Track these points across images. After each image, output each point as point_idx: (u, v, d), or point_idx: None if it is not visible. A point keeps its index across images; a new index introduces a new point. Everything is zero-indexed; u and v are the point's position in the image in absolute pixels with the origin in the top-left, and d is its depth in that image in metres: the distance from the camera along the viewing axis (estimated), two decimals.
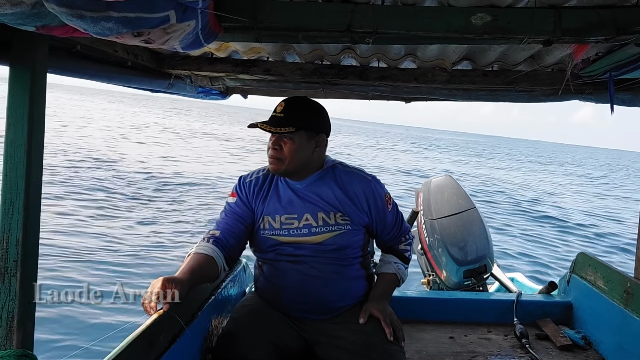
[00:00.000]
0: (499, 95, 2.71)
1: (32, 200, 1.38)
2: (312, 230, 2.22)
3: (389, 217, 2.33)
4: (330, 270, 2.21)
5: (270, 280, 2.28)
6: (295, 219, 2.23)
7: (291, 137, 2.15)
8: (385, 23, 1.48)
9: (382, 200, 2.30)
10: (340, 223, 2.22)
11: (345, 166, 2.34)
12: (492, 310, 3.02)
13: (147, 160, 19.69)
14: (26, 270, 1.37)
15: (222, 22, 1.48)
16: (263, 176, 2.34)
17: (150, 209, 11.45)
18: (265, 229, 2.27)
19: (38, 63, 1.39)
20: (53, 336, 5.23)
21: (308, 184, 2.26)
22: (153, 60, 2.38)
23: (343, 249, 2.24)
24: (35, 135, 1.39)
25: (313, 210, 2.23)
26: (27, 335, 1.39)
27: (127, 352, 1.53)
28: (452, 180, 4.23)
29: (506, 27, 1.46)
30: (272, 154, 2.18)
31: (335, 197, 2.23)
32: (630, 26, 1.43)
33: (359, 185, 2.26)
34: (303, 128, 2.14)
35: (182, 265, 2.03)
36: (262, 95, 3.37)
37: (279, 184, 2.31)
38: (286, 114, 2.14)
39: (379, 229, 2.34)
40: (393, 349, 2.08)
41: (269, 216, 2.26)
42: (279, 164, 2.18)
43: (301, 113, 2.17)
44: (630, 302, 2.40)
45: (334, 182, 2.26)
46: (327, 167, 2.29)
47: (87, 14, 1.00)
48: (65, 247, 7.74)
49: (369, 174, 2.35)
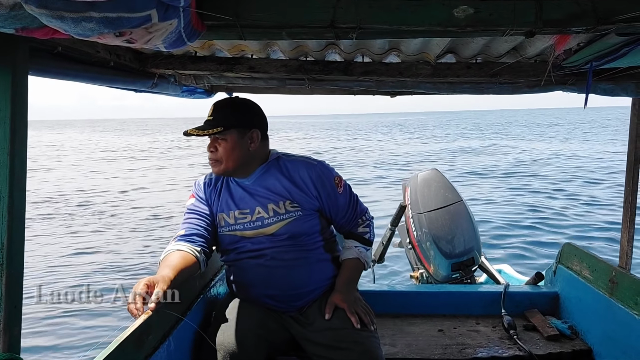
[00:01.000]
0: (483, 88, 2.73)
1: (16, 204, 1.37)
2: (265, 222, 2.27)
3: (340, 200, 2.37)
4: (291, 257, 2.26)
5: (238, 280, 2.35)
6: (248, 214, 2.29)
7: (223, 137, 2.21)
8: (368, 18, 1.48)
9: (331, 183, 2.34)
10: (290, 210, 2.27)
11: (290, 156, 2.40)
12: (480, 302, 3.05)
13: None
14: (11, 274, 1.35)
15: (204, 20, 1.47)
16: (215, 177, 2.41)
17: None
18: (222, 226, 2.33)
19: (19, 65, 1.38)
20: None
21: (255, 179, 2.31)
22: (136, 60, 2.37)
23: (298, 236, 2.28)
24: (18, 138, 1.38)
25: (263, 203, 2.28)
26: (14, 338, 1.38)
27: (116, 353, 1.52)
28: (439, 173, 4.25)
29: (488, 19, 1.46)
30: (209, 156, 2.26)
31: (282, 186, 2.28)
32: (610, 16, 1.44)
33: (305, 171, 2.31)
34: (233, 126, 2.20)
35: (160, 267, 2.04)
36: (247, 93, 3.36)
37: (229, 183, 2.37)
38: (215, 116, 2.22)
39: (332, 213, 2.38)
40: (363, 335, 2.12)
41: (224, 213, 2.33)
42: (218, 165, 2.24)
43: (229, 112, 2.24)
44: (616, 291, 2.43)
45: (279, 172, 2.31)
46: (272, 160, 2.35)
47: (68, 15, 0.98)
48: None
49: (315, 159, 2.40)
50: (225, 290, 2.78)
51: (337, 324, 2.17)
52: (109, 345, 1.53)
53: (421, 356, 2.52)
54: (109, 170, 23.76)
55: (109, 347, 1.52)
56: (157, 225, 11.70)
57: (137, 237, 10.52)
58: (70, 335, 5.35)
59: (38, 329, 5.38)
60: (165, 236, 10.18)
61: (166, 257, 2.12)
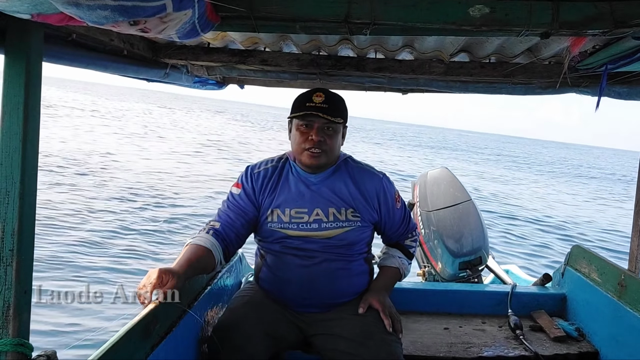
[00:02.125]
0: (495, 88, 2.71)
1: (27, 189, 1.38)
2: (322, 225, 2.20)
3: (397, 215, 2.34)
4: (337, 267, 2.21)
5: (274, 272, 2.26)
6: (306, 213, 2.20)
7: (335, 128, 2.15)
8: (383, 14, 1.47)
9: (392, 198, 2.30)
10: (350, 219, 2.21)
11: (356, 162, 2.34)
12: (486, 301, 3.04)
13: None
14: (22, 259, 1.36)
15: (219, 11, 1.47)
16: (272, 167, 2.30)
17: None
18: (274, 221, 2.22)
19: (33, 51, 1.38)
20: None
21: (322, 178, 2.24)
22: (149, 49, 2.37)
23: (351, 245, 2.23)
24: (31, 124, 1.38)
25: (324, 205, 2.21)
26: (24, 324, 1.39)
27: (123, 341, 1.53)
28: (449, 172, 4.23)
29: (504, 19, 1.45)
30: (316, 145, 2.12)
31: (348, 193, 2.22)
32: (628, 19, 1.43)
33: (371, 183, 2.26)
34: (344, 119, 2.16)
35: (179, 255, 2.02)
36: (259, 86, 3.36)
37: (289, 175, 2.27)
38: (330, 105, 2.12)
39: (387, 227, 2.35)
40: (390, 339, 2.09)
41: (279, 209, 2.22)
42: (322, 155, 2.15)
43: (341, 104, 2.18)
44: (624, 294, 2.42)
45: (347, 177, 2.25)
46: (340, 162, 2.28)
47: (83, 1, 0.99)
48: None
49: (379, 171, 2.34)
50: (232, 282, 2.78)
51: (369, 320, 2.14)
52: (116, 333, 1.54)
53: (426, 353, 2.52)
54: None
55: (116, 335, 1.53)
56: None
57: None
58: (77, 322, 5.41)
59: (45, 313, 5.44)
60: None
61: (191, 247, 2.07)
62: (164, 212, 10.97)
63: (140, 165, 17.01)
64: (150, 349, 1.74)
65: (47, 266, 6.66)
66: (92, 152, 18.04)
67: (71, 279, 6.42)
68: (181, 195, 12.96)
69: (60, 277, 6.43)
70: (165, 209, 11.28)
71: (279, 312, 2.24)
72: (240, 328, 2.09)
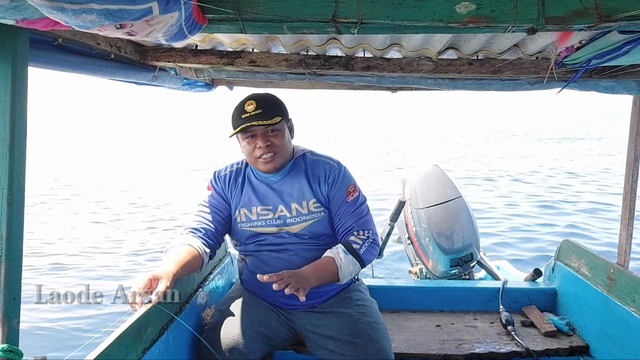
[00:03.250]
0: (484, 84, 2.72)
1: (15, 196, 1.37)
2: (287, 221, 2.26)
3: (345, 208, 2.29)
4: (312, 257, 2.23)
5: (254, 271, 2.28)
6: (270, 210, 2.27)
7: (279, 128, 2.18)
8: (369, 13, 1.47)
9: (344, 188, 2.30)
10: (313, 211, 2.26)
11: (315, 154, 2.38)
12: (478, 298, 3.05)
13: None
14: (10, 265, 1.36)
15: (206, 13, 1.47)
16: (237, 170, 2.38)
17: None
18: (243, 221, 2.30)
19: (19, 56, 1.37)
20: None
21: (282, 176, 2.29)
22: (137, 52, 2.36)
23: (321, 237, 2.27)
24: (18, 130, 1.37)
25: (287, 202, 2.27)
26: (13, 330, 1.38)
27: (115, 345, 1.53)
28: (439, 169, 4.24)
29: (490, 16, 1.46)
30: (263, 151, 2.16)
31: (308, 185, 2.27)
32: (613, 13, 1.44)
33: (325, 170, 2.29)
34: (282, 116, 2.19)
35: (164, 260, 2.03)
36: (248, 87, 3.35)
37: (252, 177, 2.34)
38: (264, 108, 2.15)
39: (334, 217, 2.31)
40: (378, 335, 2.11)
41: (245, 208, 2.30)
42: (276, 158, 2.19)
43: (274, 103, 2.21)
44: (613, 288, 2.44)
45: (306, 170, 2.29)
46: (298, 157, 2.33)
47: (68, 6, 0.98)
48: None
49: (337, 161, 2.37)
50: (223, 284, 2.78)
51: (356, 316, 2.16)
52: (108, 337, 1.54)
53: (419, 351, 2.53)
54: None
55: (107, 339, 1.53)
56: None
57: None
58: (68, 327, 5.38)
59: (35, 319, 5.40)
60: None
61: (173, 249, 2.10)
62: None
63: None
64: (141, 352, 1.74)
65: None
66: None
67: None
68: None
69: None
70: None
71: (268, 310, 2.26)
72: (233, 327, 2.10)
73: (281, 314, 2.29)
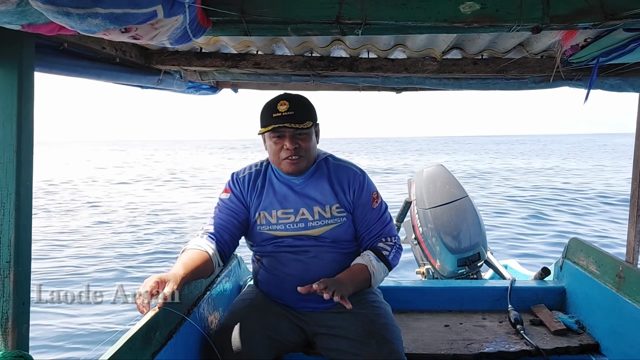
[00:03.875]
0: (489, 84, 2.72)
1: (23, 201, 1.37)
2: (309, 224, 2.25)
3: (371, 215, 2.32)
4: (331, 259, 2.24)
5: (271, 272, 2.30)
6: (292, 214, 2.25)
7: (307, 132, 2.17)
8: (374, 14, 1.47)
9: (369, 195, 2.32)
10: (336, 216, 2.25)
11: (337, 159, 2.37)
12: (486, 297, 3.04)
13: None
14: (19, 271, 1.36)
15: (210, 16, 1.47)
16: (256, 172, 2.35)
17: None
18: (262, 224, 2.28)
19: (25, 62, 1.38)
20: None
21: (304, 179, 2.27)
22: (142, 56, 2.37)
23: (341, 241, 2.26)
24: (25, 135, 1.38)
25: (309, 205, 2.25)
26: (22, 336, 1.38)
27: (124, 350, 1.53)
28: (445, 169, 4.23)
29: (495, 15, 1.46)
30: (292, 153, 2.15)
31: (331, 190, 2.26)
32: (618, 11, 1.43)
33: (350, 177, 2.29)
34: (314, 121, 2.18)
35: (176, 262, 2.03)
36: (253, 89, 3.36)
37: (273, 179, 2.32)
38: (296, 111, 2.12)
39: (359, 224, 2.33)
40: (392, 336, 2.10)
41: (265, 211, 2.28)
42: (301, 161, 2.18)
43: (307, 107, 2.19)
44: (622, 286, 2.42)
45: (329, 174, 2.28)
46: (320, 161, 2.32)
47: (74, 11, 0.98)
48: None
49: (360, 168, 2.37)
50: (231, 287, 2.78)
51: (370, 317, 2.15)
52: (117, 341, 1.54)
53: (427, 351, 2.52)
54: None
55: (117, 343, 1.53)
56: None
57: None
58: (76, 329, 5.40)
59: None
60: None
61: (187, 252, 2.10)
62: None
63: None
64: (151, 356, 1.74)
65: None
66: None
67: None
68: None
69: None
70: None
71: (280, 313, 2.25)
72: (241, 331, 2.10)
73: (294, 316, 2.28)
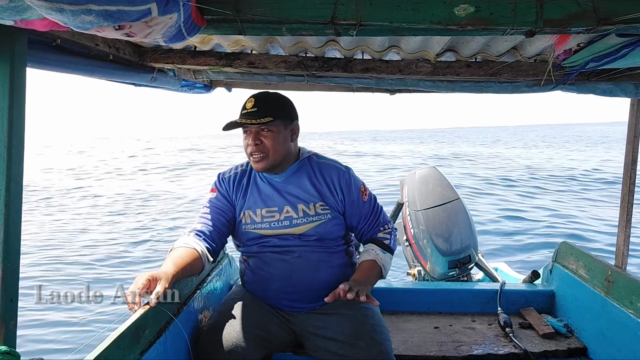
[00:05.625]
0: (482, 87, 2.72)
1: (13, 197, 1.37)
2: (293, 222, 2.26)
3: (364, 208, 2.36)
4: (317, 259, 2.25)
5: (257, 273, 2.31)
6: (276, 212, 2.27)
7: (270, 128, 2.18)
8: (368, 15, 1.48)
9: (357, 189, 2.34)
10: (320, 213, 2.26)
11: (321, 157, 2.39)
12: (476, 300, 3.05)
13: None
14: (8, 267, 1.35)
15: (204, 14, 1.47)
16: (242, 172, 2.38)
17: None
18: (247, 223, 2.30)
19: (17, 57, 1.37)
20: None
21: (286, 177, 2.29)
22: (135, 53, 2.36)
23: (326, 239, 2.27)
24: (16, 131, 1.37)
25: (293, 202, 2.27)
26: (10, 332, 1.37)
27: (113, 348, 1.52)
28: (437, 171, 4.25)
29: (488, 18, 1.46)
30: (254, 149, 2.19)
31: (314, 187, 2.28)
32: (611, 17, 1.44)
33: (335, 175, 2.31)
34: (279, 117, 2.18)
35: (165, 260, 2.02)
36: (247, 88, 3.35)
37: (257, 178, 2.34)
38: (259, 107, 2.16)
39: (354, 219, 2.36)
40: (381, 338, 2.10)
41: (250, 210, 2.30)
42: (264, 159, 2.20)
43: (272, 104, 2.21)
44: (611, 290, 2.44)
45: (312, 172, 2.30)
46: (303, 159, 2.34)
47: (67, 7, 0.98)
48: None
49: (344, 165, 2.39)
50: (221, 286, 2.77)
51: (359, 318, 2.15)
52: (105, 339, 1.53)
53: (417, 353, 2.53)
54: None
55: (105, 341, 1.52)
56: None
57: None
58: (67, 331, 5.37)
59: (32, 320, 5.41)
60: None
61: (175, 250, 2.10)
62: None
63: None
64: (139, 354, 1.73)
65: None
66: None
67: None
68: None
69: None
70: None
71: (268, 312, 2.26)
72: (231, 330, 2.10)
73: (282, 316, 2.28)
